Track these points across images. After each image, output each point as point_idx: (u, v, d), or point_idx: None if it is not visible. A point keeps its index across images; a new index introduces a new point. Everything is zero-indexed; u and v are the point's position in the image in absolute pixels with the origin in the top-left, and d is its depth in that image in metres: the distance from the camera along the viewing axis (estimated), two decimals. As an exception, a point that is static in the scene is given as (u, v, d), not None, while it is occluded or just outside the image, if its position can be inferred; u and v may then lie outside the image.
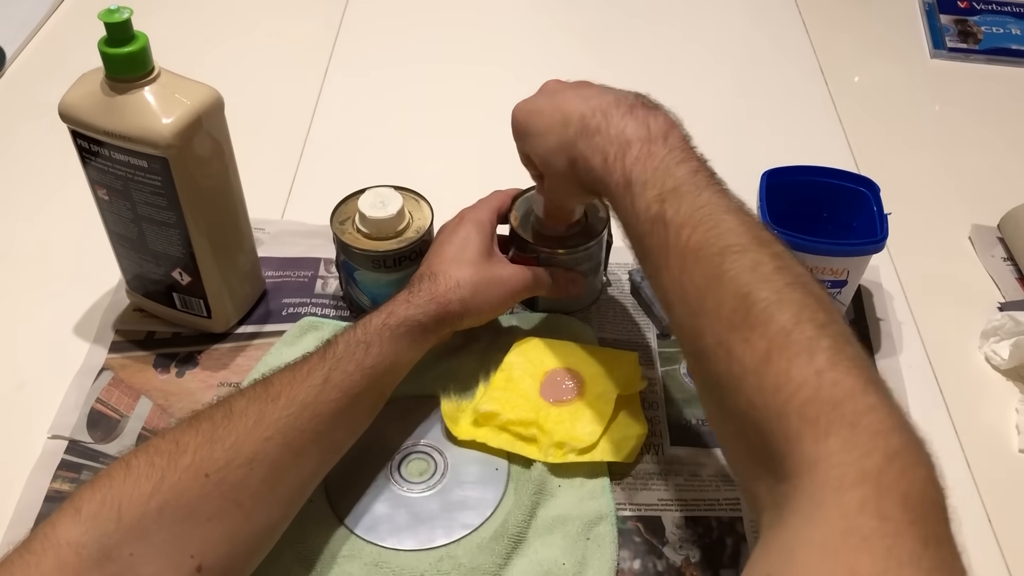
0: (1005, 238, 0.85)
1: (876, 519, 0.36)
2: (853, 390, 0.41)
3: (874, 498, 0.37)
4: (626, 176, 0.54)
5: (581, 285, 0.73)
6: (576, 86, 0.63)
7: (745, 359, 0.44)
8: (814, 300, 0.45)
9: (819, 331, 0.43)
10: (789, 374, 0.42)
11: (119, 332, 0.74)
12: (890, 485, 0.38)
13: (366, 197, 0.71)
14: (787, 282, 0.46)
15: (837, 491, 0.38)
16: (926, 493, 0.38)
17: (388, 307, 0.63)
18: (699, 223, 0.50)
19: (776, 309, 0.45)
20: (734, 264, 0.47)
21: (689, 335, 0.50)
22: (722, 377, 0.46)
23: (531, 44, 1.12)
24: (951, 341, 0.76)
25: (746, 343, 0.45)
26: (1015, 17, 1.16)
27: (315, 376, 0.56)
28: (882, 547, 0.36)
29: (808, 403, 0.41)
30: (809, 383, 0.41)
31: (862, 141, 0.98)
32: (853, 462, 0.38)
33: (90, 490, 0.48)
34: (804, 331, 0.43)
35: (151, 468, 0.49)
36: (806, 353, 0.42)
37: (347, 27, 1.12)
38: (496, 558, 0.59)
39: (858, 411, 0.40)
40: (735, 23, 1.18)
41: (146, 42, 0.60)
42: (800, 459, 0.40)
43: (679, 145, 0.55)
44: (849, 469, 0.38)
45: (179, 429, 0.52)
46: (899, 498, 0.37)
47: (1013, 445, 0.69)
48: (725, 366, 0.46)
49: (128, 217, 0.67)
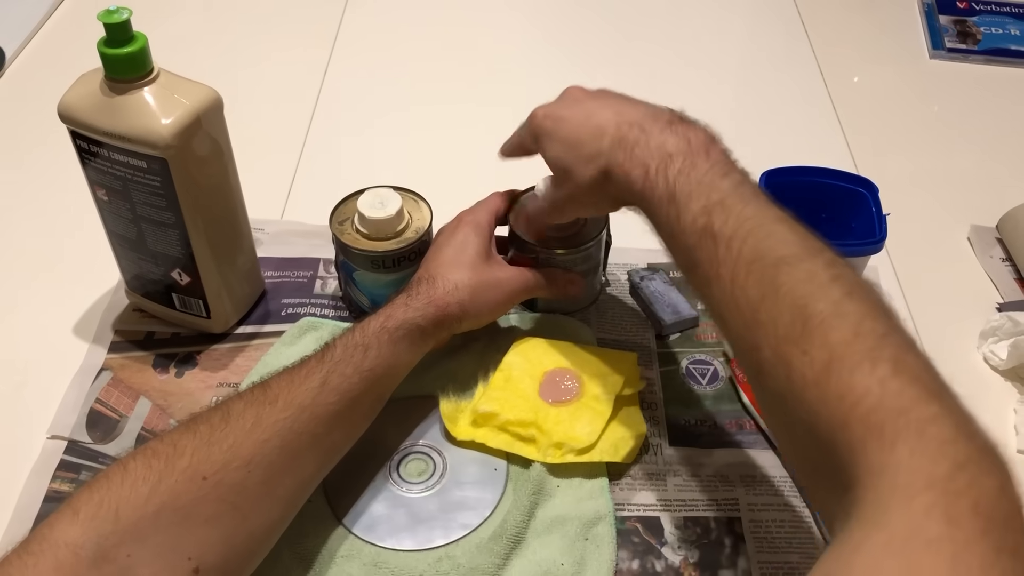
0: (1004, 239, 0.85)
1: (944, 524, 0.35)
2: (918, 399, 0.40)
3: (942, 504, 0.36)
4: (669, 189, 0.54)
5: (580, 285, 0.73)
6: (601, 96, 0.62)
7: (805, 371, 0.44)
8: (873, 309, 0.45)
9: (880, 341, 0.43)
10: (851, 384, 0.42)
11: (118, 332, 0.74)
12: (960, 492, 0.36)
13: (365, 197, 0.71)
14: (845, 292, 0.46)
15: (904, 497, 0.37)
16: (999, 503, 0.37)
17: (386, 310, 0.63)
18: (748, 234, 0.50)
19: (835, 321, 0.44)
20: (788, 276, 0.47)
21: (745, 348, 0.49)
22: (783, 390, 0.46)
23: (531, 45, 1.12)
24: (949, 341, 0.76)
25: (805, 355, 0.44)
26: (1014, 18, 1.16)
27: (313, 379, 0.56)
28: (949, 552, 0.35)
29: (872, 412, 0.40)
30: (872, 392, 0.41)
31: (861, 141, 0.98)
32: (921, 468, 0.38)
33: (88, 492, 0.48)
34: (865, 342, 0.43)
35: (148, 470, 0.49)
36: (868, 363, 0.42)
37: (346, 27, 1.13)
38: (495, 558, 0.59)
39: (924, 419, 0.39)
40: (735, 24, 1.18)
41: (145, 43, 0.60)
42: (867, 467, 0.39)
43: (721, 159, 0.55)
44: (917, 476, 0.37)
45: (177, 432, 0.52)
46: (969, 505, 0.36)
47: (1012, 445, 0.69)
48: (785, 379, 0.45)
49: (127, 217, 0.67)
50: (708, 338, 0.75)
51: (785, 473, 0.66)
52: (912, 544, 0.35)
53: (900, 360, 0.42)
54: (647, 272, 0.79)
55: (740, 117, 1.02)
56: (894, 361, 0.42)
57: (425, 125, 0.99)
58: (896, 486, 0.38)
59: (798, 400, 0.44)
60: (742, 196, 0.52)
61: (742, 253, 0.49)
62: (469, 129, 0.99)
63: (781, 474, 0.66)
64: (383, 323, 0.61)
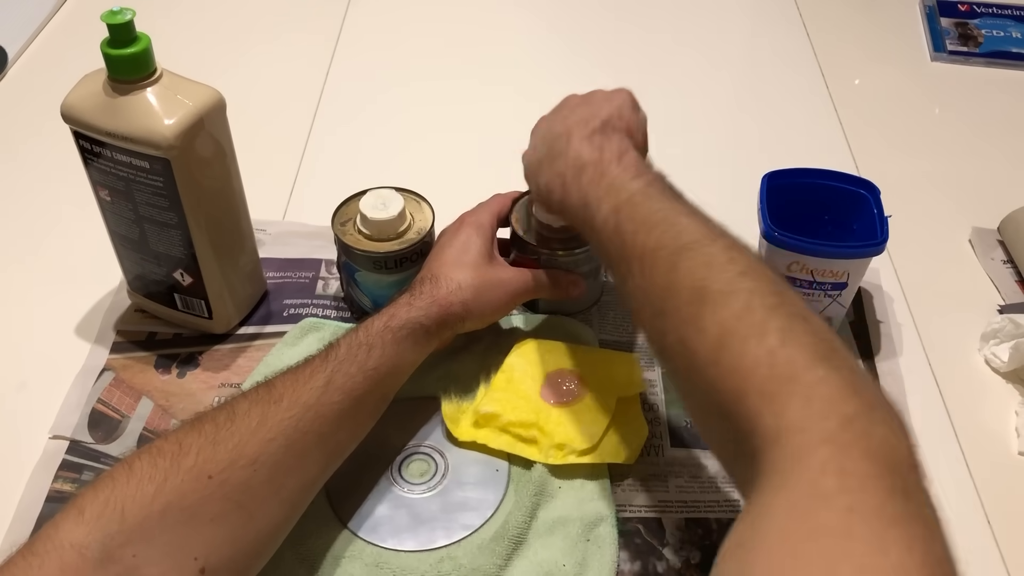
0: (1005, 241, 0.85)
1: (836, 477, 0.37)
2: (805, 365, 0.42)
3: (835, 458, 0.38)
4: (582, 197, 0.57)
5: (582, 287, 0.73)
6: (574, 104, 0.66)
7: (701, 349, 0.46)
8: (765, 285, 0.47)
9: (769, 312, 0.45)
10: (743, 356, 0.43)
11: (120, 333, 0.74)
12: (850, 443, 0.38)
13: (367, 198, 0.71)
14: (739, 271, 0.47)
15: (800, 457, 0.39)
16: (890, 447, 0.38)
17: (390, 309, 0.63)
18: (653, 227, 0.52)
19: (727, 299, 0.46)
20: (689, 261, 0.49)
21: (655, 337, 0.51)
22: (684, 371, 0.48)
23: (532, 48, 1.13)
24: (951, 344, 0.76)
25: (700, 333, 0.46)
26: (1015, 20, 1.16)
27: (317, 378, 0.57)
28: (844, 503, 0.36)
29: (764, 382, 0.42)
30: (762, 362, 0.43)
31: (863, 143, 0.98)
32: (812, 427, 0.39)
33: (93, 491, 0.48)
34: (754, 315, 0.45)
35: (154, 469, 0.49)
36: (756, 336, 0.44)
37: (349, 28, 1.13)
38: (496, 559, 0.59)
39: (811, 382, 0.41)
40: (736, 26, 1.19)
41: (148, 43, 0.60)
42: (763, 435, 0.41)
43: (633, 164, 0.57)
44: (809, 435, 0.39)
45: (182, 431, 0.52)
46: (860, 454, 0.38)
47: (1013, 447, 0.69)
48: (685, 359, 0.47)
49: (130, 218, 0.67)
50: (710, 340, 0.75)
51: (786, 475, 0.66)
52: (811, 502, 0.37)
53: (788, 329, 0.44)
54: (649, 273, 0.79)
55: (742, 119, 1.02)
56: (782, 331, 0.44)
57: (427, 126, 0.99)
58: (791, 447, 0.39)
59: (699, 378, 0.46)
60: (649, 195, 0.54)
61: (647, 245, 0.51)
62: (471, 130, 0.99)
63: (782, 476, 0.66)
64: (387, 322, 0.61)
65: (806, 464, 0.38)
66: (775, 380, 0.42)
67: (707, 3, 1.20)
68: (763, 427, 0.41)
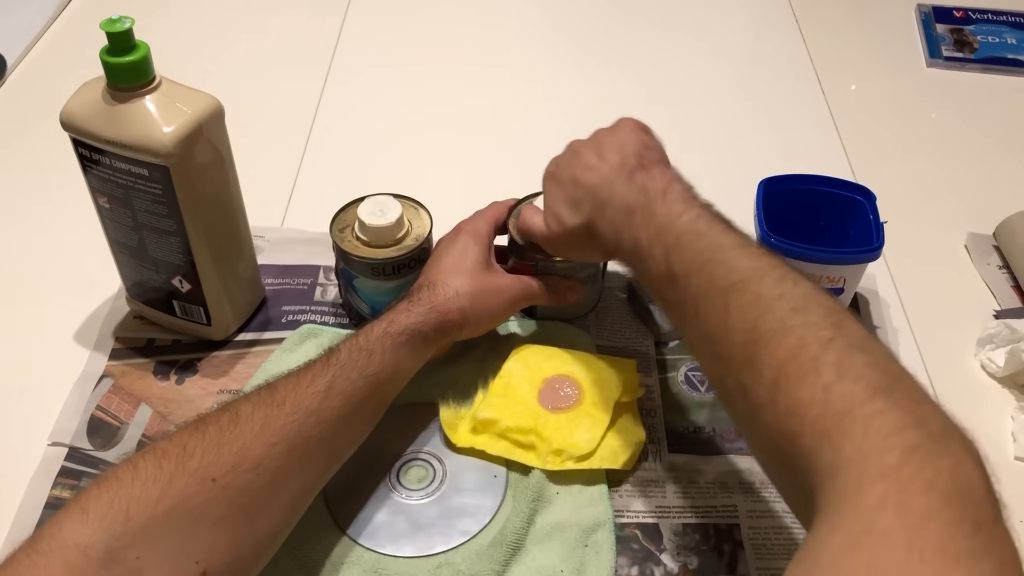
0: (1001, 246, 0.85)
1: (896, 513, 0.35)
2: (862, 398, 0.41)
3: (894, 492, 0.36)
4: (634, 242, 0.57)
5: (579, 293, 0.73)
6: (593, 145, 0.64)
7: (758, 392, 0.45)
8: (819, 318, 0.46)
9: (824, 348, 0.44)
10: (799, 397, 0.43)
11: (119, 339, 0.74)
12: (911, 476, 0.37)
13: (365, 205, 0.71)
14: (791, 308, 0.47)
15: (855, 493, 0.37)
16: (957, 479, 0.37)
17: (389, 316, 0.63)
18: (702, 267, 0.51)
19: (780, 338, 0.45)
20: (739, 301, 0.48)
21: (715, 381, 0.51)
22: (745, 414, 0.47)
23: (531, 54, 1.13)
24: (947, 349, 0.77)
25: (757, 376, 0.45)
26: (1010, 27, 1.17)
27: (319, 383, 0.57)
28: (903, 540, 0.34)
29: (819, 419, 0.41)
30: (817, 400, 0.42)
31: (859, 149, 0.98)
32: (869, 461, 0.38)
33: (96, 490, 0.48)
34: (808, 351, 0.44)
35: (159, 471, 0.49)
36: (812, 373, 0.43)
37: (347, 36, 1.13)
38: (494, 565, 0.59)
39: (868, 415, 0.40)
40: (733, 33, 1.19)
41: (147, 51, 0.61)
42: (821, 472, 0.40)
43: (678, 199, 0.56)
44: (866, 470, 0.38)
45: (185, 432, 0.52)
46: (922, 488, 0.36)
47: (1009, 452, 0.69)
48: (744, 403, 0.46)
49: (129, 225, 0.67)
50: (707, 345, 0.76)
51: (784, 480, 0.66)
52: (866, 540, 0.35)
53: (844, 363, 0.43)
54: (646, 279, 0.79)
55: (739, 125, 1.02)
56: (838, 365, 0.43)
57: (425, 133, 1.00)
58: (847, 482, 0.38)
59: (759, 421, 0.45)
60: (697, 232, 0.53)
61: (699, 288, 0.51)
62: (469, 137, 0.99)
63: (780, 481, 0.66)
64: (386, 328, 0.62)
65: (864, 500, 0.37)
66: (830, 416, 0.41)
67: (704, 10, 1.21)
68: (820, 464, 0.40)
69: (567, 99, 1.04)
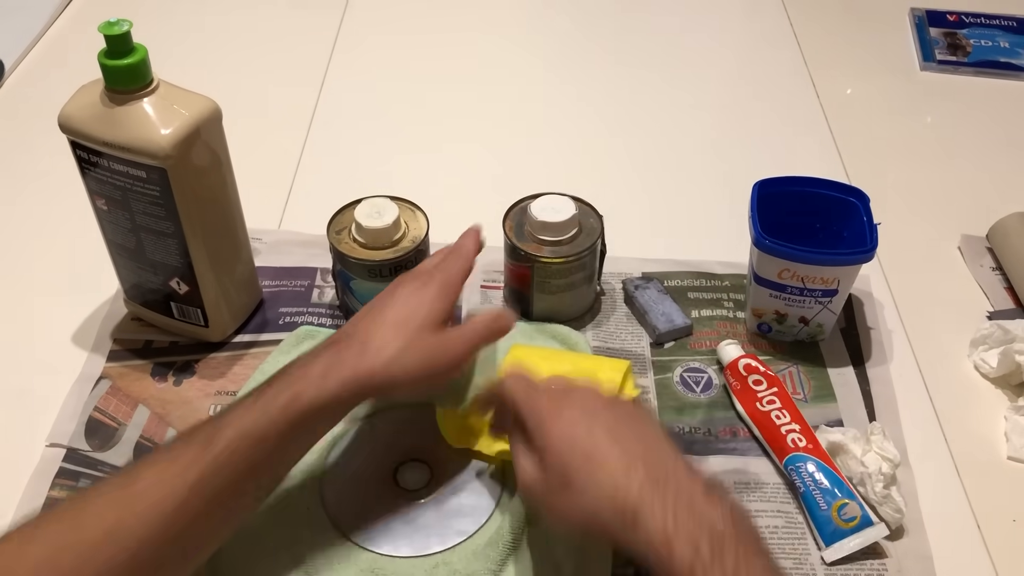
0: (994, 248, 0.85)
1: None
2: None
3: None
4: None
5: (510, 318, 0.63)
6: (608, 440, 0.52)
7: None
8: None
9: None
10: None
11: (117, 341, 0.75)
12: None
13: (362, 207, 0.72)
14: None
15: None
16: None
17: (296, 382, 0.53)
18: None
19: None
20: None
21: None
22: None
23: (527, 57, 1.13)
24: (941, 350, 0.77)
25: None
26: (1003, 30, 1.17)
27: (189, 474, 0.49)
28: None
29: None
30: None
31: (853, 152, 0.99)
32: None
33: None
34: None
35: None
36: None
37: (344, 39, 1.13)
38: (491, 564, 0.59)
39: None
40: (727, 36, 1.20)
41: (145, 54, 0.61)
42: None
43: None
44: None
45: (28, 528, 0.48)
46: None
47: (1002, 452, 0.70)
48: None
49: (126, 227, 0.67)
50: (702, 346, 0.76)
51: (779, 480, 0.66)
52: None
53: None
54: (641, 281, 0.80)
55: (734, 129, 1.03)
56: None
57: (422, 135, 1.00)
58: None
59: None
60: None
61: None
62: (465, 139, 0.99)
63: (775, 481, 0.66)
64: (290, 402, 0.52)
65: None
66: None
67: (699, 14, 1.21)
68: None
69: (563, 102, 1.05)
